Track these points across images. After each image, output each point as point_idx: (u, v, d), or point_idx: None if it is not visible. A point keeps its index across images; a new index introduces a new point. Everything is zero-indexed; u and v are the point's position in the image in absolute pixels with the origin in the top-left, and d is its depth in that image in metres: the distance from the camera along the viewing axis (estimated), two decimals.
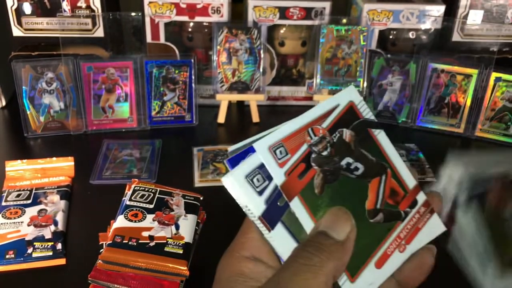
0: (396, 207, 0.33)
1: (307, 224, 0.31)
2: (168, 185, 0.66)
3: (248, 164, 0.31)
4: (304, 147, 0.31)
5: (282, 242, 0.31)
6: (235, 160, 0.32)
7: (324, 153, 0.32)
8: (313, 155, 0.32)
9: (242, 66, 0.96)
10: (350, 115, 0.33)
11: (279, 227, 0.31)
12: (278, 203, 0.31)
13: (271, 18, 0.97)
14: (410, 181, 0.34)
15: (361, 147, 0.33)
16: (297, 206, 0.31)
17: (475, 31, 1.00)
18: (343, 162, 0.32)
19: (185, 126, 0.96)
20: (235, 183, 0.31)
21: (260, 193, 0.31)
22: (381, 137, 0.34)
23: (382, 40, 1.01)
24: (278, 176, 0.31)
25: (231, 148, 0.33)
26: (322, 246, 0.29)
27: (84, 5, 0.92)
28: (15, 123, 0.91)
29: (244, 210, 0.31)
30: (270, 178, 0.31)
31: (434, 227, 0.34)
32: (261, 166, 0.31)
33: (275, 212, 0.31)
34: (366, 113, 0.34)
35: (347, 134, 0.33)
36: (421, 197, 0.34)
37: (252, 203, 0.31)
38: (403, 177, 0.34)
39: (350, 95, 0.34)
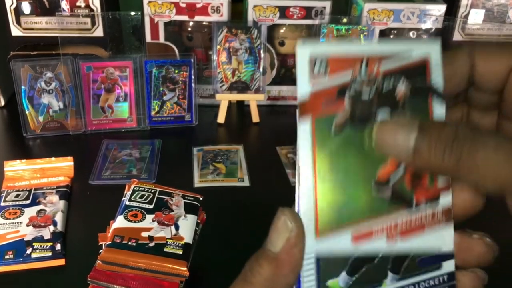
0: (410, 192, 0.28)
1: (304, 154, 0.27)
2: (167, 185, 0.66)
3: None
4: (347, 77, 0.27)
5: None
6: None
7: (365, 96, 0.27)
8: (351, 91, 0.27)
9: (242, 65, 0.95)
10: (417, 72, 0.28)
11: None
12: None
13: (271, 18, 0.96)
14: (443, 178, 0.28)
15: (409, 111, 0.28)
16: (305, 130, 0.27)
17: (476, 31, 1.00)
18: (379, 115, 0.28)
19: (185, 126, 0.96)
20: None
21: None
22: (438, 112, 0.28)
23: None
24: (303, 90, 0.27)
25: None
26: (258, 258, 0.27)
27: (83, 5, 0.92)
28: (14, 123, 0.91)
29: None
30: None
31: (441, 240, 0.28)
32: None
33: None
34: (437, 81, 0.28)
35: (401, 90, 0.28)
36: (445, 200, 0.28)
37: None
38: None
39: (430, 50, 0.28)
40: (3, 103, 1.00)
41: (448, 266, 0.28)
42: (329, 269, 0.28)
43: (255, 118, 0.98)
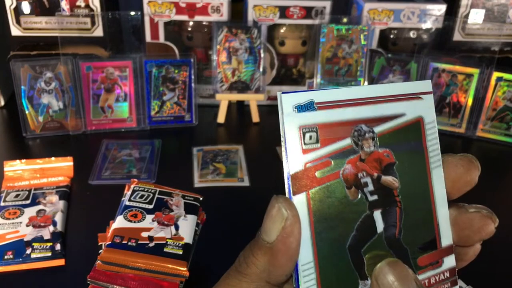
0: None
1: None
2: (167, 185, 0.65)
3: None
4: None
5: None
6: None
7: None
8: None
9: (242, 65, 0.95)
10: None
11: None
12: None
13: (271, 18, 0.96)
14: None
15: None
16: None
17: (476, 31, 1.00)
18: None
19: (184, 126, 0.96)
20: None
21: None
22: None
23: (383, 40, 1.00)
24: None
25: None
26: (252, 248, 0.27)
27: (83, 4, 0.92)
28: (14, 123, 0.91)
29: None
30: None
31: None
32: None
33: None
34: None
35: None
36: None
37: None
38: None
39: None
40: (2, 103, 1.00)
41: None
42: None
43: (255, 118, 0.98)
